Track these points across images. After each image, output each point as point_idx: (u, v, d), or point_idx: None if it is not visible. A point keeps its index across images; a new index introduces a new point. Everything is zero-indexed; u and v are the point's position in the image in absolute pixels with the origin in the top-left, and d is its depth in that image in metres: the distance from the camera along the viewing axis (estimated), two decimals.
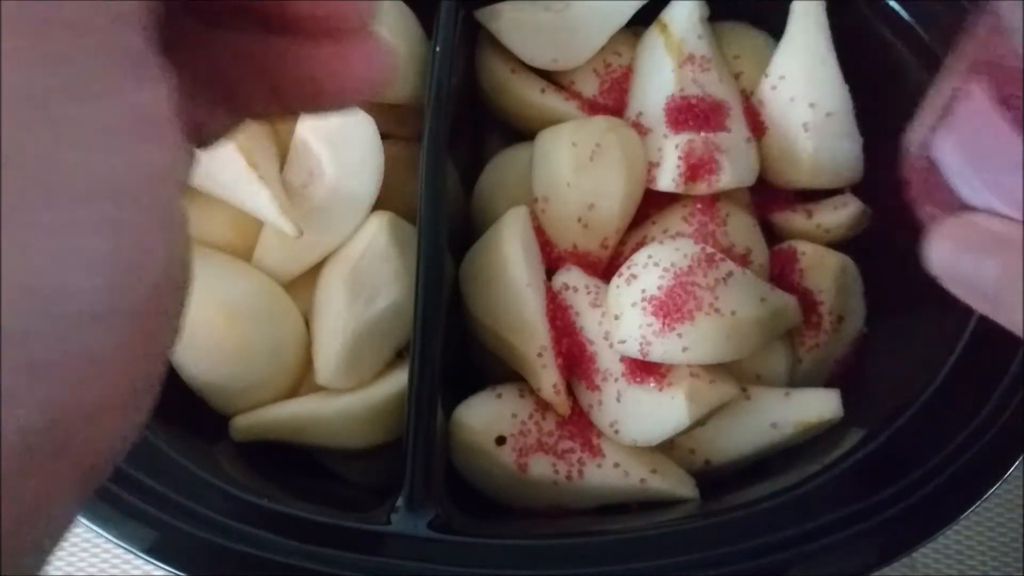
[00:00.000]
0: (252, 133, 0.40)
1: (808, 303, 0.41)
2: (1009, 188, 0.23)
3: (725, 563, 0.32)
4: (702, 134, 0.40)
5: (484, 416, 0.38)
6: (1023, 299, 0.22)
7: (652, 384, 0.37)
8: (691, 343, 0.35)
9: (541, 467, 0.37)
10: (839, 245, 0.43)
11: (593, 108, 0.44)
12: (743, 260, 0.41)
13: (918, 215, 0.27)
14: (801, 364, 0.41)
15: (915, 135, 0.26)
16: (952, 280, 0.25)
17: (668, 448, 0.38)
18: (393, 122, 0.43)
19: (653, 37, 0.43)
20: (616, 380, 0.37)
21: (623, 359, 0.37)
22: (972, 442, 0.34)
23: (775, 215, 0.44)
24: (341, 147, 0.40)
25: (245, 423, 0.39)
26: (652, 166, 0.41)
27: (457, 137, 0.40)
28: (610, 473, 0.37)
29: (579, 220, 0.40)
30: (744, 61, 0.45)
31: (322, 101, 0.19)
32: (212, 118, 0.19)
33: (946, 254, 0.24)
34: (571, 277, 0.40)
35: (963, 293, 0.25)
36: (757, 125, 0.43)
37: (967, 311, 0.36)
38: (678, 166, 0.40)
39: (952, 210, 0.25)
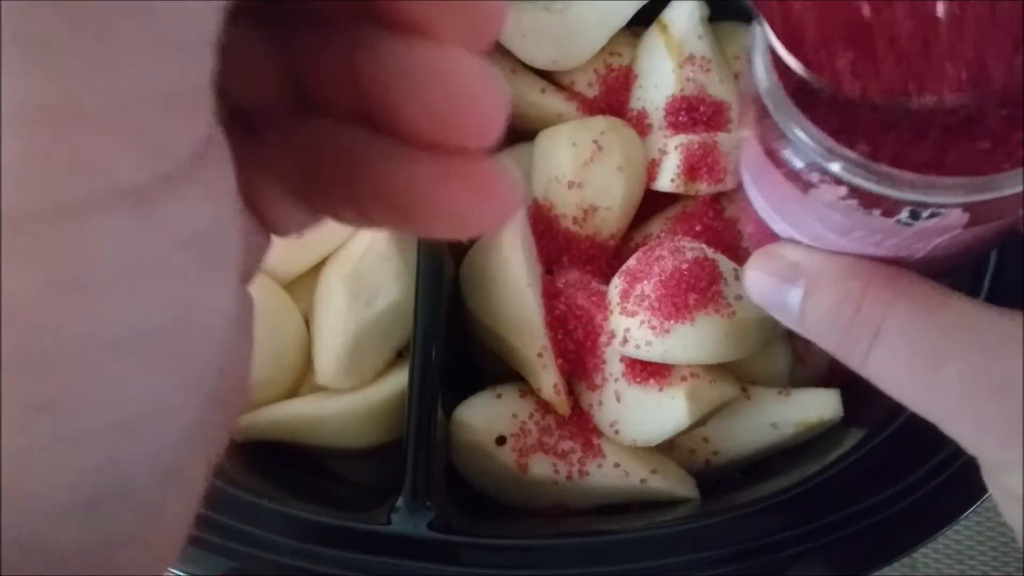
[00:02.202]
0: None
1: None
2: (801, 221, 0.24)
3: (725, 563, 0.32)
4: (702, 134, 0.40)
5: (484, 416, 0.38)
6: (825, 327, 0.24)
7: (652, 384, 0.37)
8: (691, 343, 0.35)
9: (541, 467, 0.37)
10: None
11: (593, 108, 0.44)
12: (743, 260, 0.41)
13: (746, 238, 0.28)
14: (801, 364, 0.41)
15: (733, 166, 0.27)
16: (767, 308, 0.26)
17: (668, 448, 0.38)
18: None
19: (653, 37, 0.43)
20: (616, 380, 0.37)
21: (623, 359, 0.37)
22: None
23: None
24: None
25: (245, 423, 0.39)
26: (652, 166, 0.41)
27: None
28: (610, 473, 0.37)
29: (579, 220, 0.40)
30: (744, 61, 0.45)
31: (411, 223, 0.16)
32: (288, 212, 0.17)
33: (756, 284, 0.26)
34: (571, 277, 0.40)
35: (781, 319, 0.26)
36: None
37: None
38: (678, 166, 0.40)
39: (767, 235, 0.26)
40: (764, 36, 0.22)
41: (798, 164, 0.22)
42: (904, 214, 0.21)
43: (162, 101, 0.11)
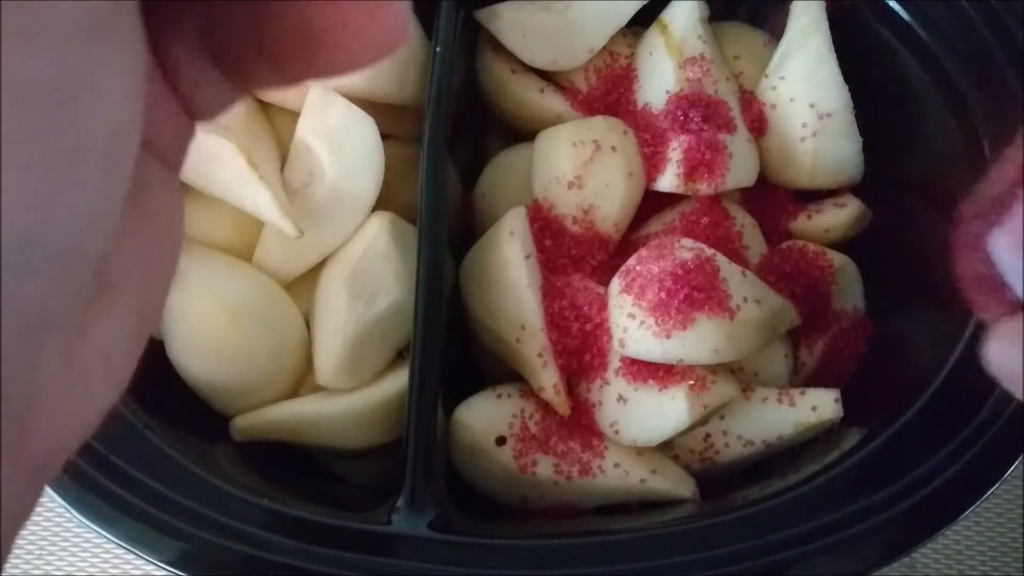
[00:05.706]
0: (252, 133, 0.40)
1: (808, 303, 0.41)
2: None
3: (725, 563, 0.32)
4: (702, 134, 0.40)
5: (484, 416, 0.38)
6: None
7: (652, 384, 0.37)
8: (691, 343, 0.35)
9: (541, 467, 0.37)
10: (839, 245, 0.43)
11: (592, 108, 0.44)
12: (743, 260, 0.41)
13: (970, 306, 0.27)
14: (801, 364, 0.41)
15: (968, 226, 0.26)
16: (1013, 383, 0.24)
17: (668, 448, 0.38)
18: (393, 122, 0.43)
19: (653, 37, 0.43)
20: (616, 380, 0.37)
21: (623, 359, 0.37)
22: (972, 442, 0.34)
23: (775, 215, 0.44)
24: (341, 147, 0.40)
25: (245, 423, 0.39)
26: (652, 166, 0.41)
27: (457, 137, 0.40)
28: (610, 473, 0.37)
29: (579, 220, 0.40)
30: (744, 61, 0.45)
31: (323, 65, 0.17)
32: (208, 91, 0.17)
33: (1005, 357, 0.24)
34: (571, 277, 0.40)
35: None
36: (757, 125, 0.43)
37: (967, 311, 0.36)
38: (678, 166, 0.40)
39: (1007, 304, 0.24)
40: None
41: None
42: None
43: None
